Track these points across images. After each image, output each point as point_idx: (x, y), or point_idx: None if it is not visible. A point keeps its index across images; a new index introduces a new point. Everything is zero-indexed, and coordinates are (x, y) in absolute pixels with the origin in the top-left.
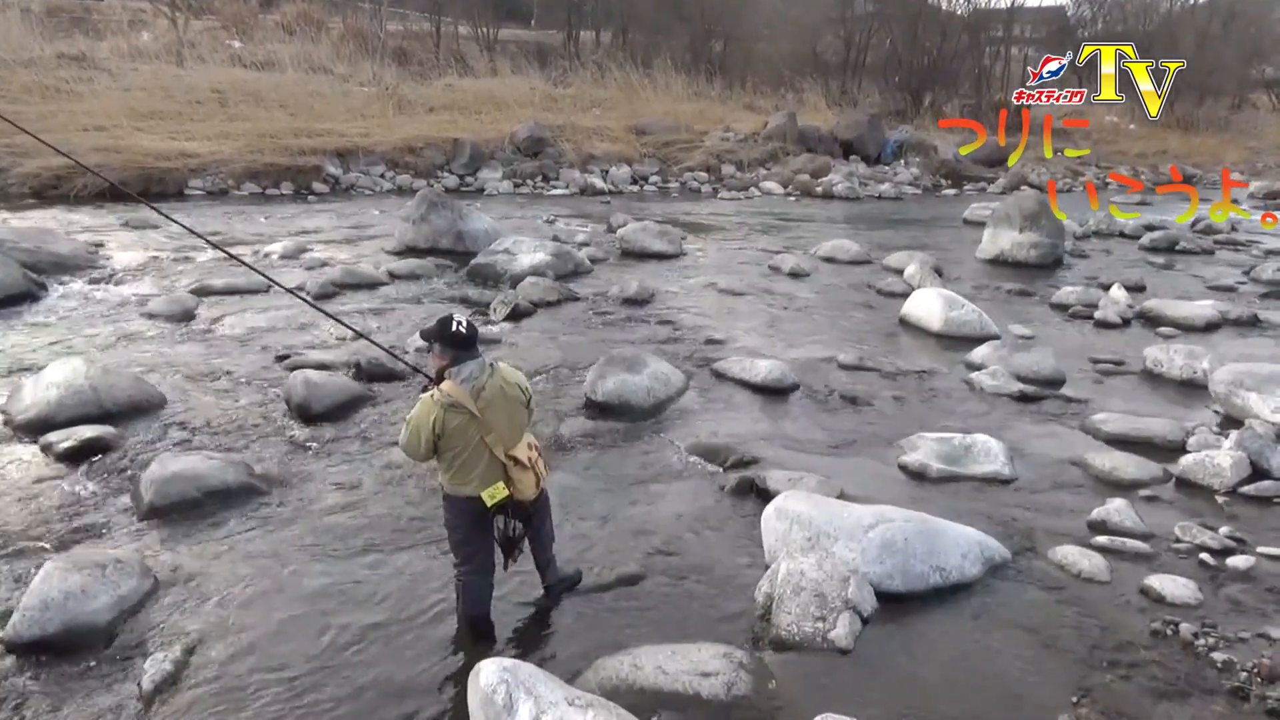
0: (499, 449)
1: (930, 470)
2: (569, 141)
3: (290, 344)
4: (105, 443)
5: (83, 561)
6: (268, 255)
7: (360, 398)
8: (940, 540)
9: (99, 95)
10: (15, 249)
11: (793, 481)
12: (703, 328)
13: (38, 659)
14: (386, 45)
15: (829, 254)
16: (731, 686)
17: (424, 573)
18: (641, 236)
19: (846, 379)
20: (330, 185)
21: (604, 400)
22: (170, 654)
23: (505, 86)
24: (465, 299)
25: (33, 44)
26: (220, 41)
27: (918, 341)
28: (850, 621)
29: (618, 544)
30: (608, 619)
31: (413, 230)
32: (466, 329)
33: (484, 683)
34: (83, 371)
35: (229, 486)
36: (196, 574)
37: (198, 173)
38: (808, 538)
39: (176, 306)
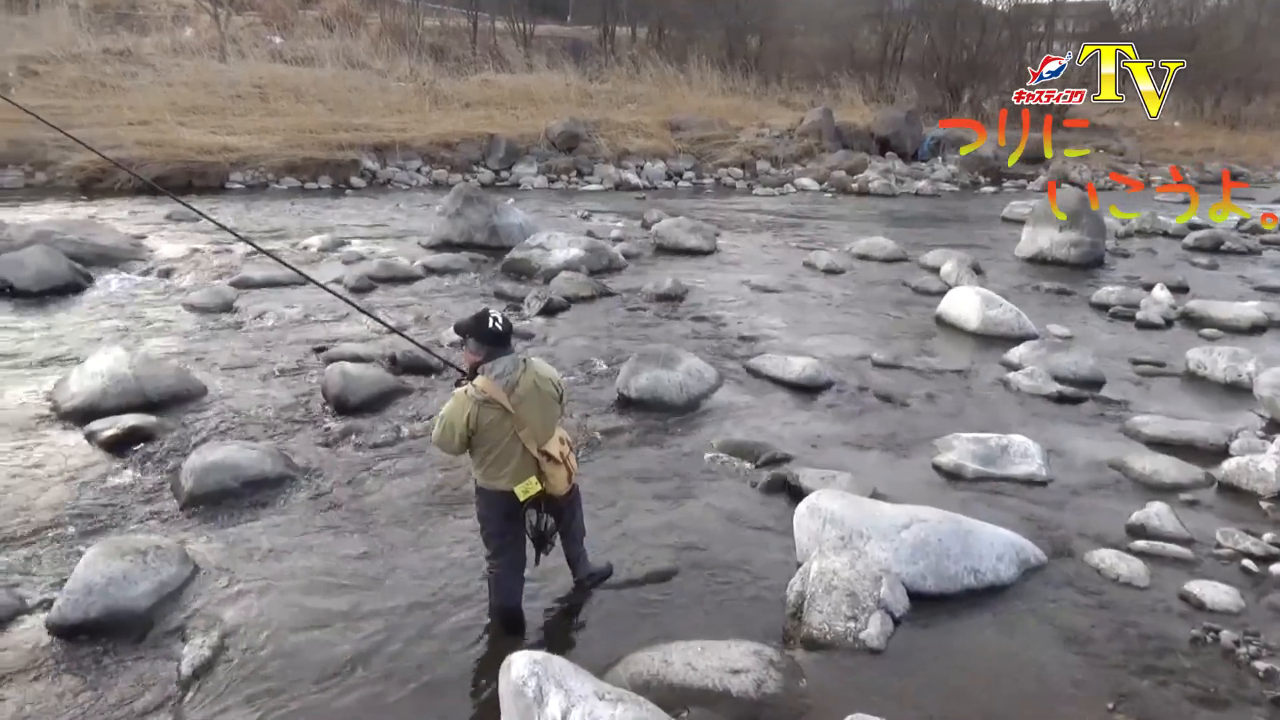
0: (532, 444)
1: (965, 471)
2: (604, 137)
3: (327, 336)
4: (147, 431)
5: (124, 548)
6: (306, 248)
7: (396, 390)
8: (974, 541)
9: (143, 90)
10: (62, 241)
11: (825, 480)
12: (736, 324)
13: (81, 642)
14: (424, 41)
15: (864, 251)
16: (761, 684)
17: (457, 564)
18: (675, 232)
19: (881, 377)
20: (367, 179)
21: (637, 396)
22: (208, 640)
23: (541, 82)
24: (499, 293)
25: (80, 39)
26: (261, 37)
27: (954, 340)
28: (882, 622)
29: (649, 540)
30: (638, 614)
31: (448, 225)
32: (502, 325)
33: (515, 675)
34: (126, 361)
35: (267, 476)
36: (234, 562)
37: (238, 166)
38: (840, 537)
39: (217, 298)
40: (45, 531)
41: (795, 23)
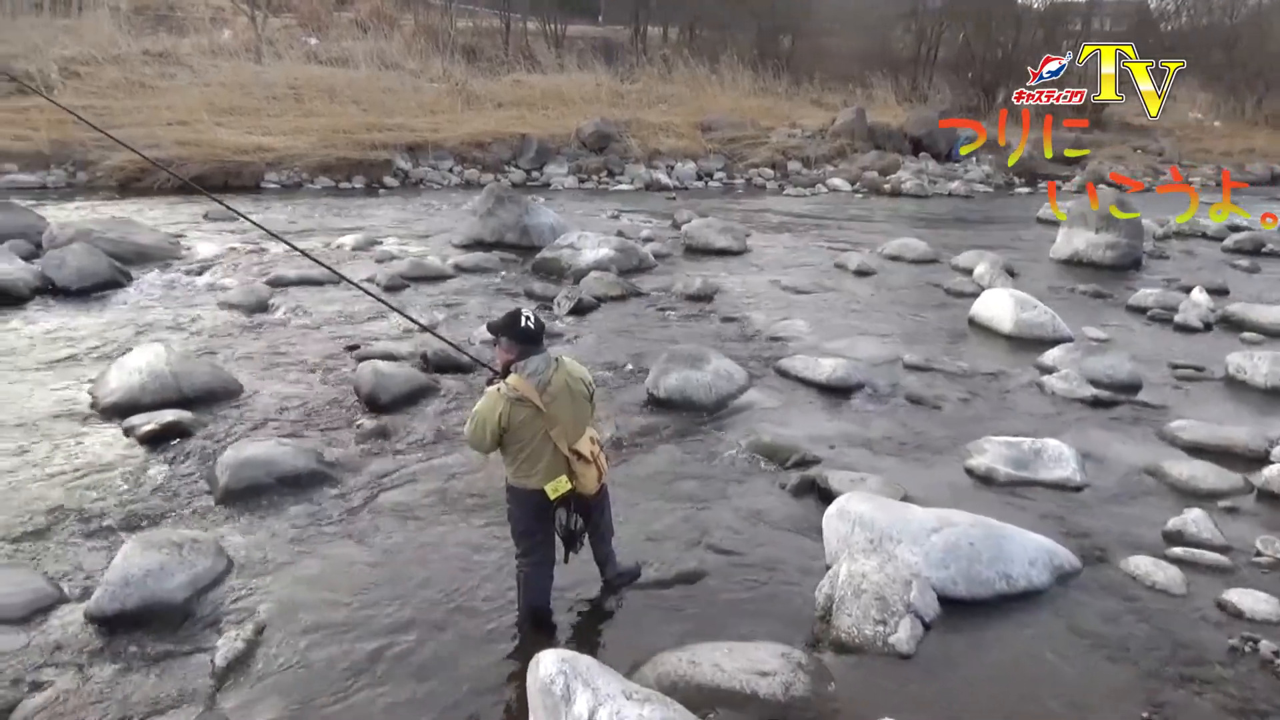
0: (563, 443)
1: (998, 474)
2: (635, 137)
3: (360, 334)
4: (184, 427)
5: (161, 541)
6: (339, 247)
7: (427, 388)
8: (1007, 546)
9: (181, 91)
10: (102, 239)
11: (855, 482)
12: (766, 325)
13: (118, 632)
14: (456, 42)
15: (896, 252)
16: (789, 687)
17: (486, 562)
18: (706, 233)
19: (912, 379)
20: (400, 179)
21: (666, 396)
22: (242, 633)
23: (572, 82)
24: (530, 293)
25: (120, 41)
26: (297, 38)
27: (987, 343)
28: (912, 626)
29: (677, 540)
30: (666, 615)
31: (479, 224)
32: (534, 324)
33: (543, 673)
34: (164, 358)
35: (300, 472)
36: (268, 556)
37: (274, 166)
38: (870, 540)
39: (252, 296)
40: (85, 524)
41: (828, 22)
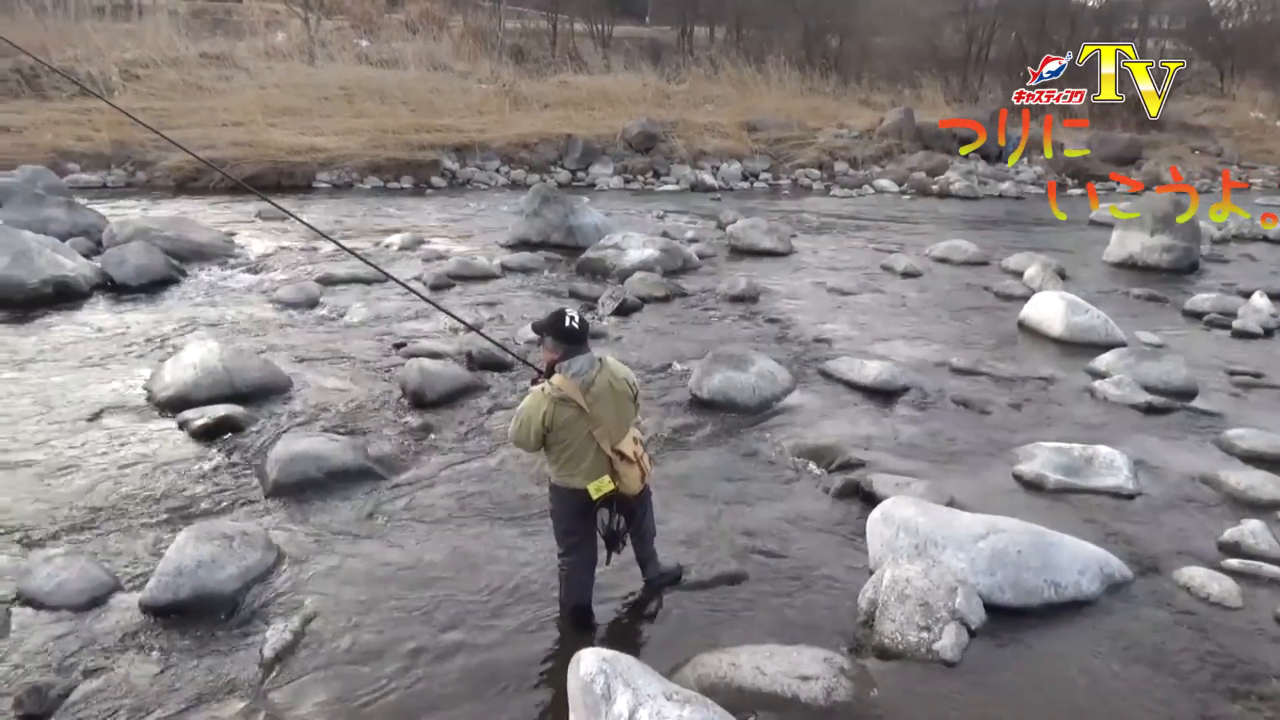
0: (606, 443)
1: (1047, 481)
2: (680, 138)
3: (407, 332)
4: (236, 422)
5: (213, 533)
6: (388, 246)
7: (472, 386)
8: (1056, 554)
9: (237, 92)
10: (159, 237)
11: (900, 486)
12: (811, 327)
13: (170, 621)
14: (504, 43)
15: (944, 254)
16: (831, 692)
17: (528, 559)
18: (751, 234)
19: (960, 383)
20: (447, 179)
21: (709, 397)
22: (290, 625)
23: (618, 83)
24: (574, 293)
25: (178, 44)
26: (349, 40)
27: (1037, 347)
28: (957, 633)
29: (719, 542)
30: (707, 616)
31: (525, 224)
32: (578, 324)
33: (584, 671)
34: (217, 353)
35: (347, 468)
36: (315, 549)
37: (325, 166)
38: (914, 545)
39: (302, 294)
40: (140, 515)
41: (876, 21)
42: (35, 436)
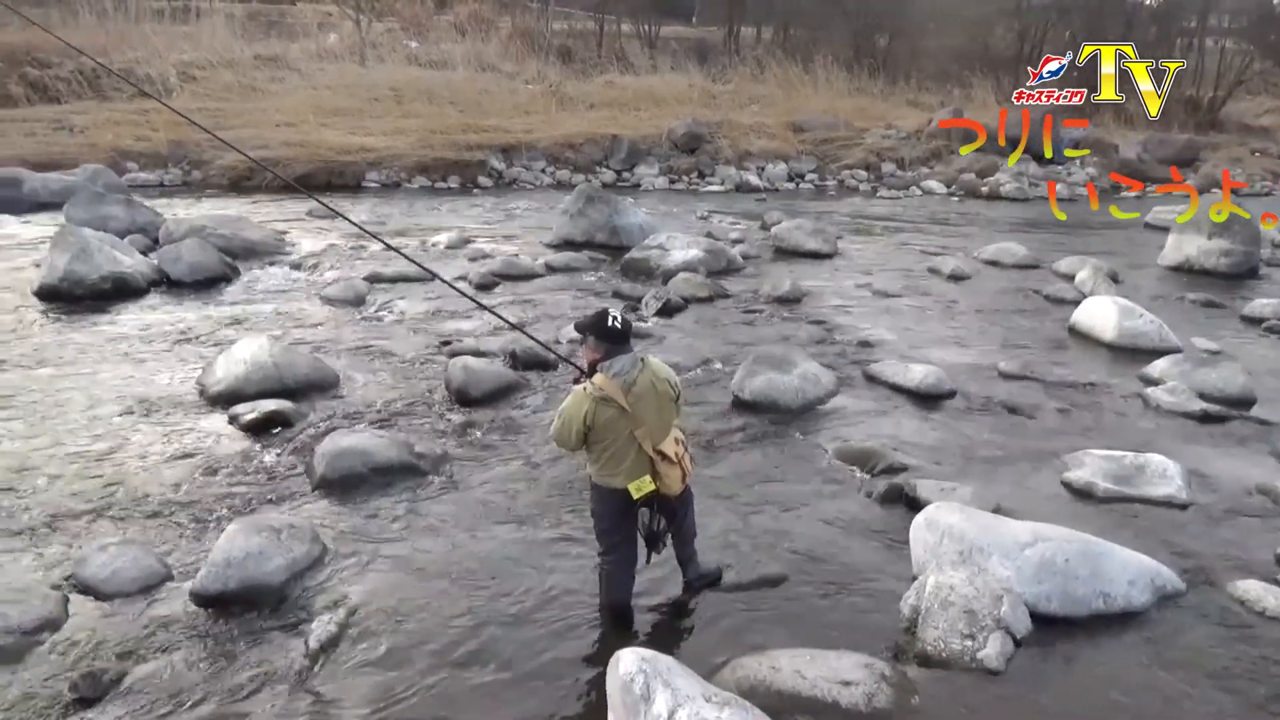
0: (647, 443)
1: (1097, 489)
2: (726, 138)
3: (451, 331)
4: (285, 416)
5: (261, 525)
6: (434, 245)
7: (515, 385)
8: (1105, 564)
9: (290, 93)
10: (214, 235)
11: (945, 492)
12: (856, 329)
13: (219, 611)
14: (551, 44)
15: (993, 257)
16: (872, 698)
17: (568, 557)
18: (796, 235)
19: (1008, 388)
20: (494, 179)
21: (751, 399)
22: (335, 617)
23: (664, 83)
24: (618, 293)
25: (234, 46)
26: (399, 42)
27: (1088, 352)
28: (1002, 642)
29: (760, 544)
30: (747, 618)
31: (570, 224)
32: (621, 324)
33: (623, 670)
34: (267, 349)
35: (392, 464)
36: (360, 544)
37: (374, 166)
38: (959, 551)
39: (351, 292)
40: (191, 506)
41: (926, 21)
42: (92, 428)
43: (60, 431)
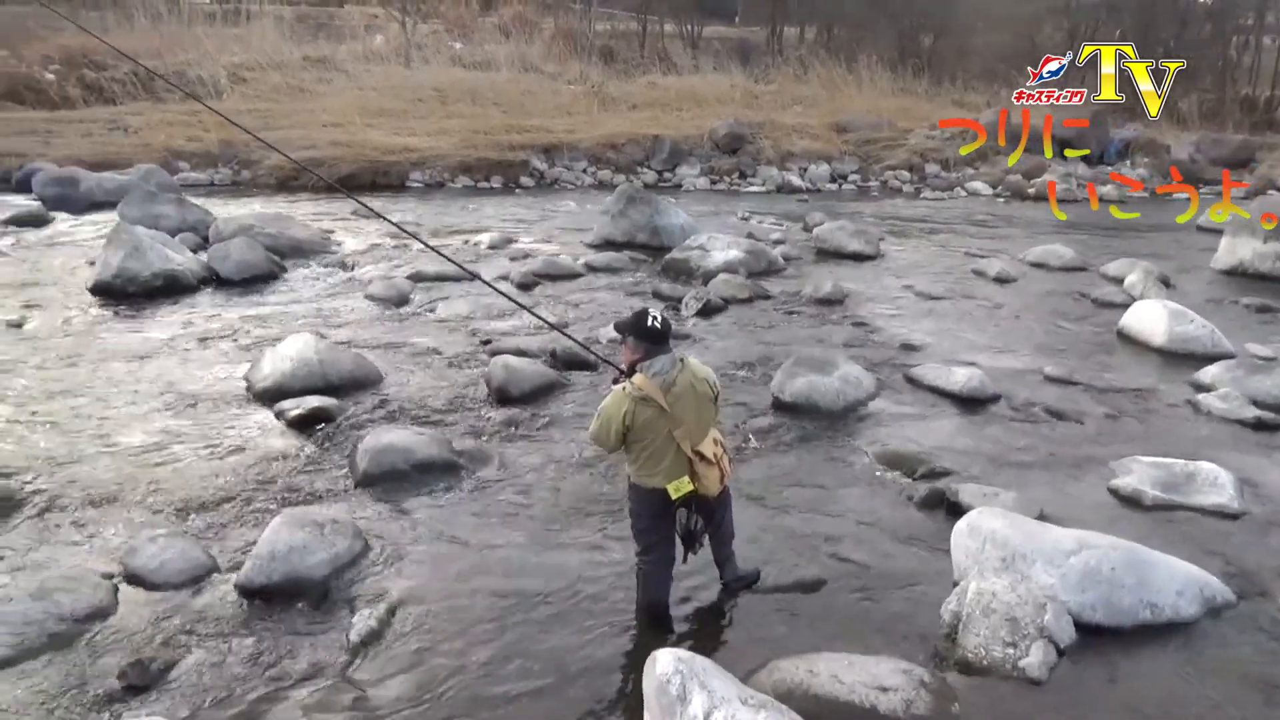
0: (686, 444)
1: (1144, 497)
2: (768, 139)
3: (493, 330)
4: (328, 413)
5: (304, 519)
6: (477, 244)
7: (555, 384)
8: (1152, 573)
9: (337, 94)
10: (261, 234)
11: (988, 497)
12: (898, 331)
13: (263, 603)
14: (594, 44)
15: (1040, 259)
16: (911, 705)
17: (606, 557)
18: (838, 236)
19: (1053, 393)
20: (536, 179)
21: (791, 400)
22: (375, 612)
23: (706, 83)
24: (658, 293)
25: (283, 48)
26: (443, 43)
27: (1137, 357)
28: (1044, 651)
29: (798, 546)
30: (784, 621)
31: (611, 224)
32: (661, 324)
33: (659, 671)
34: (312, 346)
35: (433, 460)
36: (400, 539)
37: (418, 166)
38: (1002, 558)
39: (394, 290)
40: (237, 499)
41: (973, 19)
42: (143, 421)
43: (112, 424)
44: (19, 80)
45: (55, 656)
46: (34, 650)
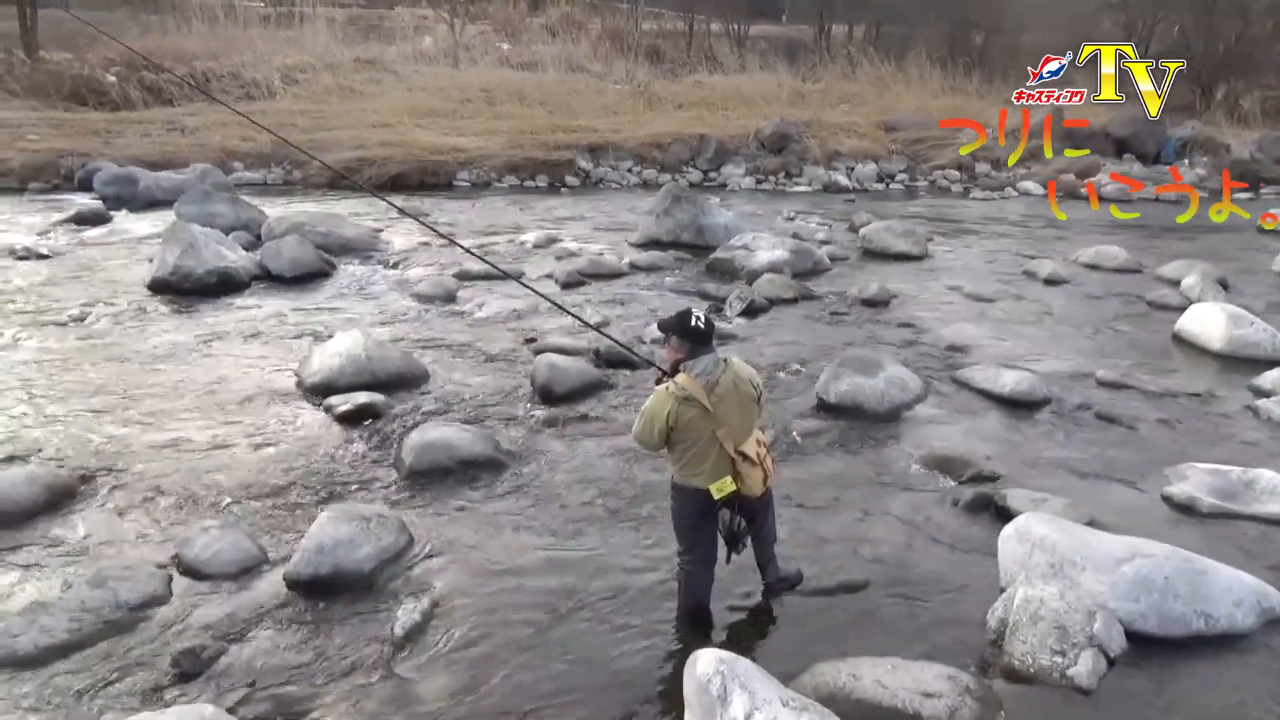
0: (729, 444)
1: (1200, 505)
2: (814, 138)
3: (537, 328)
4: (376, 409)
5: (351, 514)
6: (522, 243)
7: (599, 383)
8: (1208, 582)
9: (386, 95)
10: (312, 232)
11: (1036, 502)
12: (945, 333)
13: (310, 595)
14: (640, 44)
15: (1093, 260)
16: (955, 711)
17: (648, 556)
18: (884, 236)
19: (1106, 397)
20: (581, 179)
21: (836, 402)
22: (419, 606)
23: (753, 83)
24: (702, 293)
25: (335, 50)
26: (491, 44)
27: (1194, 361)
28: (1094, 659)
29: (842, 549)
30: (826, 624)
31: (655, 223)
32: (704, 324)
33: (700, 671)
34: (361, 343)
35: (477, 457)
36: (444, 535)
37: (465, 166)
38: (1050, 564)
39: (440, 289)
40: (286, 493)
41: (1026, 16)
42: (197, 415)
43: (167, 418)
44: (82, 82)
45: (111, 642)
46: (92, 636)
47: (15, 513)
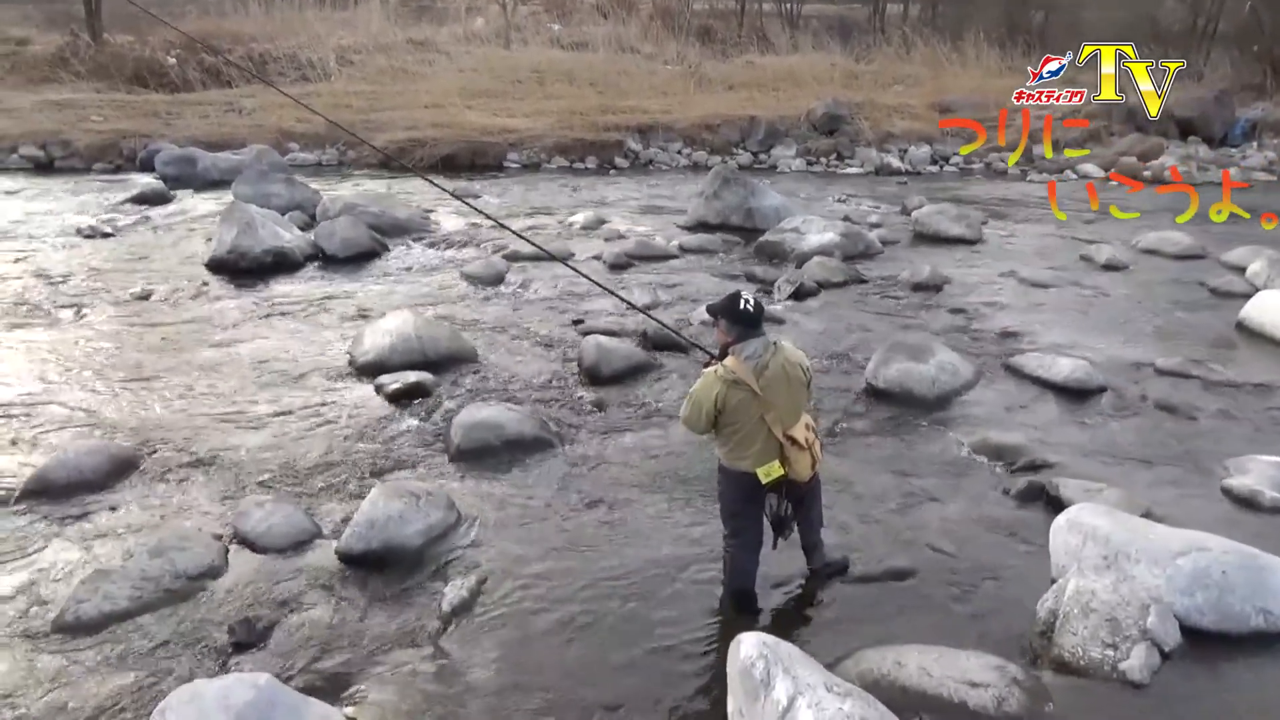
0: (777, 428)
1: (1263, 499)
2: (867, 119)
3: (585, 309)
4: (425, 388)
5: (401, 490)
6: (571, 225)
7: (646, 365)
8: (1269, 579)
9: (438, 76)
10: (365, 213)
11: (1090, 493)
12: (998, 319)
13: (362, 570)
14: (691, 24)
15: (1154, 246)
16: (1002, 702)
17: (693, 539)
18: (937, 219)
19: (1165, 386)
20: (630, 160)
21: (885, 387)
22: (466, 583)
23: (805, 63)
24: (751, 276)
25: (388, 31)
26: (542, 24)
27: (1259, 350)
28: (1147, 654)
29: (889, 536)
30: (872, 611)
31: (704, 206)
32: (754, 307)
33: (744, 655)
34: (411, 323)
35: (524, 437)
36: (491, 513)
37: (515, 146)
38: (1104, 556)
39: (490, 270)
40: (338, 468)
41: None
42: (252, 392)
43: (223, 394)
44: (144, 65)
45: (170, 610)
46: (151, 604)
47: (82, 483)
